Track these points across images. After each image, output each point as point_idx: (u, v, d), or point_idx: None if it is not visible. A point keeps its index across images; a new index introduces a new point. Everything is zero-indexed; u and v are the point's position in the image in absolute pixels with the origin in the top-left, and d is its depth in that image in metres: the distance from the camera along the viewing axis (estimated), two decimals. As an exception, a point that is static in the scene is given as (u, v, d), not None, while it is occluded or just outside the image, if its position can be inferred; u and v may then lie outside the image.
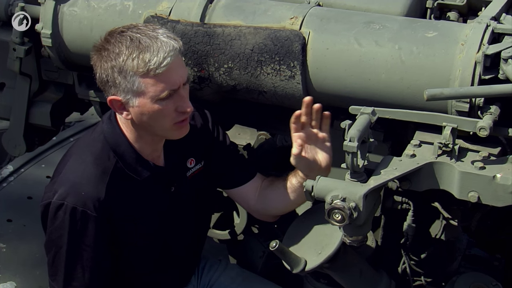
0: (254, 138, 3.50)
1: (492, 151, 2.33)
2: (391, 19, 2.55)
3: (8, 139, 3.27)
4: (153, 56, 2.29)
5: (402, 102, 2.45)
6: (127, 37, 2.33)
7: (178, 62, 2.36)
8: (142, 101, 2.35)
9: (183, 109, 2.38)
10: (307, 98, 2.47)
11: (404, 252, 2.69)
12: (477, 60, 2.31)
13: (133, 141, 2.49)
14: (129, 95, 2.35)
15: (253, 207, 2.79)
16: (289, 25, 2.57)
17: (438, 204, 2.52)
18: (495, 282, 2.65)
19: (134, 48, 2.30)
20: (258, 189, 2.76)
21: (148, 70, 2.30)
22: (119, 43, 2.33)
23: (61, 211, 2.43)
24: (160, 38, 2.33)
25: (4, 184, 4.39)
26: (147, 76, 2.31)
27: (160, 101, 2.34)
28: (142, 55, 2.29)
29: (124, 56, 2.31)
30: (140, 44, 2.31)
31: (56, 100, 3.23)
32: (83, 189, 2.42)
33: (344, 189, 2.23)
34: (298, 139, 2.50)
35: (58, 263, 2.49)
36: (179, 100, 2.37)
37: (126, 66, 2.31)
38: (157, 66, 2.29)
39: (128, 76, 2.32)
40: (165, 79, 2.32)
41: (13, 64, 3.07)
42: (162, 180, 2.57)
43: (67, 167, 2.48)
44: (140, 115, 2.39)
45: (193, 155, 2.68)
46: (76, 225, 2.43)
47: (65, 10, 2.87)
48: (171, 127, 2.42)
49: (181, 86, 2.37)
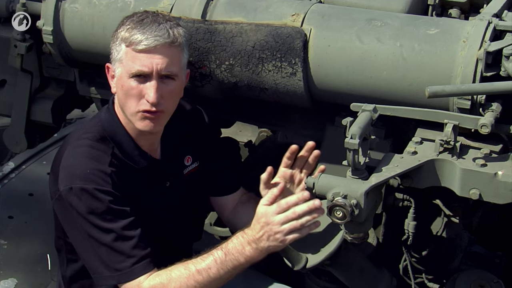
0: (255, 135, 3.50)
1: (493, 148, 2.33)
2: (392, 16, 2.55)
3: (10, 135, 3.27)
4: (141, 33, 2.38)
5: (403, 99, 2.45)
6: (139, 15, 2.44)
7: (163, 51, 2.38)
8: (121, 71, 2.42)
9: (147, 97, 2.39)
10: (293, 146, 2.53)
11: (405, 249, 2.69)
12: (479, 57, 2.31)
13: (130, 131, 2.50)
14: (116, 64, 2.45)
15: (225, 217, 2.83)
16: (290, 22, 2.57)
17: (440, 201, 2.51)
18: (496, 280, 2.65)
19: (134, 23, 2.41)
20: (236, 202, 2.79)
21: (130, 42, 2.39)
22: (130, 18, 2.45)
23: (73, 196, 2.39)
24: (161, 25, 2.40)
25: (5, 180, 4.37)
26: (129, 47, 2.39)
27: (133, 78, 2.39)
28: (133, 30, 2.40)
29: (124, 27, 2.43)
30: (140, 21, 2.41)
31: (58, 97, 3.23)
32: (88, 167, 2.41)
33: (346, 186, 2.23)
34: (281, 173, 2.56)
35: (96, 250, 2.42)
36: (148, 88, 2.39)
37: (120, 35, 2.43)
38: (137, 42, 2.37)
39: (117, 43, 2.43)
40: (141, 58, 2.38)
41: (14, 61, 3.07)
42: (158, 173, 2.57)
43: (65, 156, 2.46)
44: (118, 89, 2.45)
45: (189, 153, 2.69)
46: (92, 204, 2.38)
47: (66, 7, 2.87)
48: (136, 113, 2.43)
49: (154, 75, 2.39)
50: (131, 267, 2.40)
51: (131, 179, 2.49)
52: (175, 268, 2.41)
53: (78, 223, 2.41)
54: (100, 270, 2.43)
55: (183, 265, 2.41)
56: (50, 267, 3.57)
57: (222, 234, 3.33)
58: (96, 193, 2.38)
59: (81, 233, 2.42)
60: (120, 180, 2.44)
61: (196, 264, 2.40)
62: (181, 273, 2.39)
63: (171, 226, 2.63)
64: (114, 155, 2.47)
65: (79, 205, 2.39)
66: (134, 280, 2.41)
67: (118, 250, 2.40)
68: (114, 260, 2.41)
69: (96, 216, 2.38)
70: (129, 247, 2.40)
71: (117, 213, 2.40)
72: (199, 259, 2.41)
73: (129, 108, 2.43)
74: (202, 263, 2.39)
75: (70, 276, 2.67)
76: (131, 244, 2.41)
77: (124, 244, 2.40)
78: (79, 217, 2.39)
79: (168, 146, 2.60)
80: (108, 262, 2.41)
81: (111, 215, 2.39)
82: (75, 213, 2.40)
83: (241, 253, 2.37)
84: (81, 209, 2.38)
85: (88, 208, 2.38)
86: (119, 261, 2.41)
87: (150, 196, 2.55)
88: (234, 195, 2.80)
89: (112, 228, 2.39)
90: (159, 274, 2.42)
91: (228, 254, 2.38)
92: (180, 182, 2.65)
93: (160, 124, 2.48)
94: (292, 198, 2.34)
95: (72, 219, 2.42)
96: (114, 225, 2.39)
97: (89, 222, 2.39)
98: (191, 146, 2.68)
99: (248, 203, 2.77)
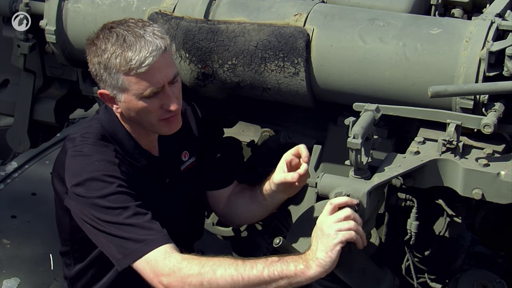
0: (258, 135, 3.50)
1: (496, 148, 2.33)
2: (395, 16, 2.55)
3: (13, 135, 3.28)
4: (135, 55, 2.33)
5: (406, 99, 2.45)
6: (113, 34, 2.36)
7: (163, 61, 2.37)
8: (127, 97, 2.39)
9: (168, 107, 2.40)
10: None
11: (407, 249, 2.68)
12: (482, 57, 2.31)
13: (130, 130, 2.52)
14: (115, 91, 2.40)
15: (220, 211, 2.84)
16: (293, 22, 2.57)
17: (442, 201, 2.51)
18: (499, 280, 2.65)
19: (118, 46, 2.34)
20: (230, 194, 2.80)
21: (129, 68, 2.33)
22: (106, 39, 2.37)
23: (82, 188, 2.38)
24: (146, 36, 2.35)
25: (8, 180, 4.39)
26: (129, 74, 2.35)
27: (144, 98, 2.37)
28: (125, 54, 2.33)
29: (109, 53, 2.35)
30: (124, 42, 2.34)
31: (60, 96, 3.24)
32: (94, 159, 2.42)
33: (348, 186, 2.23)
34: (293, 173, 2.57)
35: (113, 232, 2.36)
36: (165, 98, 2.39)
37: (110, 63, 2.35)
38: (138, 66, 2.33)
39: (112, 73, 2.37)
40: (148, 78, 2.35)
41: (17, 61, 3.08)
42: (158, 171, 2.59)
43: (69, 155, 2.46)
44: (127, 110, 2.43)
45: (186, 148, 2.71)
46: (103, 188, 2.37)
47: (69, 6, 2.87)
48: (158, 123, 2.44)
49: (166, 85, 2.39)
50: (153, 235, 2.33)
51: (133, 177, 2.49)
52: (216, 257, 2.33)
53: (92, 212, 2.38)
54: (122, 249, 2.34)
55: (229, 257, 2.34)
56: (52, 266, 3.58)
57: (225, 234, 3.33)
58: (104, 177, 2.38)
59: (96, 221, 2.38)
60: (126, 174, 2.45)
61: (245, 259, 2.30)
62: (224, 259, 2.30)
63: (172, 223, 2.63)
64: (116, 152, 2.48)
65: (90, 193, 2.38)
66: (160, 247, 2.31)
67: (136, 224, 2.35)
68: (135, 232, 2.34)
69: (108, 198, 2.37)
70: (146, 220, 2.36)
71: (128, 194, 2.39)
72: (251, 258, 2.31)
73: (149, 121, 2.44)
74: (252, 259, 2.29)
75: (75, 275, 2.67)
76: (147, 218, 2.37)
77: (141, 218, 2.36)
78: (92, 204, 2.38)
79: (166, 142, 2.61)
80: (128, 236, 2.34)
81: (122, 196, 2.38)
82: (86, 202, 2.38)
83: (294, 261, 2.24)
84: (92, 195, 2.37)
85: (98, 193, 2.37)
86: (140, 233, 2.34)
87: (151, 193, 2.55)
88: (228, 188, 2.80)
89: (126, 206, 2.36)
90: (195, 257, 2.32)
91: (281, 259, 2.26)
92: (178, 178, 2.67)
93: (180, 121, 2.50)
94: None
95: (85, 209, 2.40)
96: (127, 204, 2.37)
97: (102, 207, 2.36)
98: (187, 141, 2.70)
99: (242, 192, 2.78)
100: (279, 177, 2.60)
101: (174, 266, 2.28)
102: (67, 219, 2.54)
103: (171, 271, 2.28)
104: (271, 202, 2.69)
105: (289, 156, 2.59)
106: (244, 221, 2.95)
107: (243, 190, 2.79)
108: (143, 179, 2.53)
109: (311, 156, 2.60)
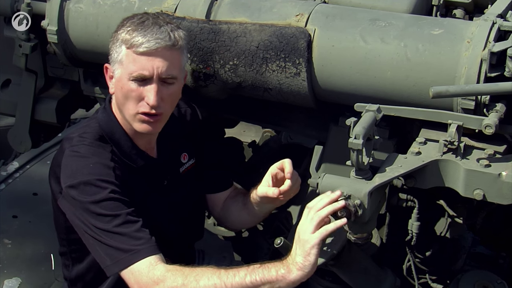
0: (259, 135, 3.51)
1: (497, 149, 2.33)
2: (397, 17, 2.55)
3: (14, 135, 3.28)
4: (142, 35, 2.39)
5: (407, 100, 2.45)
6: (139, 17, 2.44)
7: (164, 54, 2.39)
8: (120, 73, 2.43)
9: (148, 100, 2.40)
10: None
11: (409, 249, 2.69)
12: (483, 58, 2.31)
13: (128, 131, 2.51)
14: (115, 65, 2.45)
15: (216, 214, 2.84)
16: (294, 22, 2.57)
17: (443, 202, 2.51)
18: (500, 280, 2.65)
19: (134, 25, 2.41)
20: (226, 198, 2.80)
21: (131, 44, 2.39)
22: (131, 18, 2.45)
23: (76, 190, 2.39)
24: (162, 27, 2.40)
25: (9, 180, 4.39)
26: (130, 49, 2.40)
27: (133, 81, 2.40)
28: (134, 32, 2.40)
29: (124, 28, 2.43)
30: (141, 23, 2.41)
31: (62, 96, 3.24)
32: (89, 162, 2.42)
33: (349, 186, 2.23)
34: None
35: (103, 238, 2.38)
36: (148, 91, 2.40)
37: (120, 36, 2.42)
38: (138, 44, 2.38)
39: (118, 44, 2.43)
40: (142, 61, 2.38)
41: (19, 61, 3.08)
42: (155, 172, 2.58)
43: (65, 155, 2.46)
44: (117, 90, 2.45)
45: (185, 151, 2.70)
46: (95, 194, 2.37)
47: (70, 6, 2.87)
48: (135, 115, 2.43)
49: (155, 78, 2.39)
50: (140, 245, 2.35)
51: (130, 178, 2.49)
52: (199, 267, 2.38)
53: (84, 216, 2.39)
54: (109, 257, 2.38)
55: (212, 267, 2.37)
56: (53, 266, 3.58)
57: (226, 234, 3.33)
58: (98, 182, 2.38)
59: (87, 225, 2.40)
60: (120, 177, 2.44)
61: (228, 268, 2.35)
62: (206, 269, 2.34)
63: (171, 225, 2.63)
64: (113, 153, 2.48)
65: (83, 197, 2.38)
66: (145, 258, 2.34)
67: (124, 233, 2.37)
68: (122, 241, 2.36)
69: (100, 205, 2.37)
70: (135, 230, 2.38)
71: (120, 201, 2.39)
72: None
73: (128, 109, 2.44)
74: (235, 267, 2.34)
75: (75, 277, 2.67)
76: (136, 227, 2.38)
77: (130, 227, 2.37)
78: (84, 209, 2.39)
79: (164, 144, 2.61)
80: (115, 245, 2.36)
81: (114, 203, 2.38)
82: (79, 205, 2.39)
83: (276, 266, 2.28)
84: (85, 200, 2.38)
85: (91, 198, 2.38)
86: (127, 243, 2.36)
87: (149, 194, 2.55)
88: (226, 192, 2.81)
89: (117, 214, 2.37)
90: (179, 268, 2.35)
91: (263, 265, 2.30)
92: (177, 180, 2.66)
93: (158, 127, 2.49)
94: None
95: (78, 212, 2.41)
96: (118, 211, 2.38)
97: (93, 212, 2.38)
98: (187, 143, 2.70)
99: (236, 197, 2.78)
100: (261, 190, 2.60)
101: (157, 279, 2.31)
102: (62, 219, 2.54)
103: (154, 284, 2.31)
104: (260, 211, 2.70)
105: (275, 169, 2.57)
106: (236, 227, 2.96)
107: (238, 195, 2.79)
108: (140, 180, 2.53)
109: (312, 156, 2.60)
